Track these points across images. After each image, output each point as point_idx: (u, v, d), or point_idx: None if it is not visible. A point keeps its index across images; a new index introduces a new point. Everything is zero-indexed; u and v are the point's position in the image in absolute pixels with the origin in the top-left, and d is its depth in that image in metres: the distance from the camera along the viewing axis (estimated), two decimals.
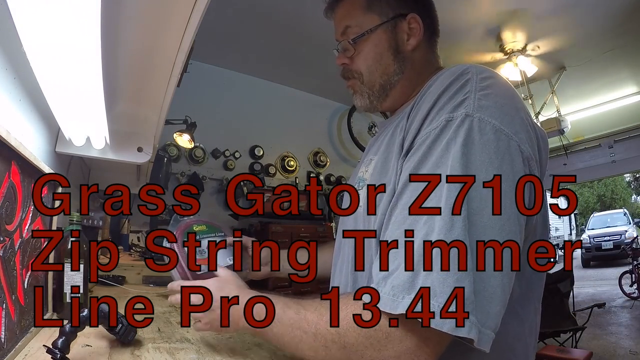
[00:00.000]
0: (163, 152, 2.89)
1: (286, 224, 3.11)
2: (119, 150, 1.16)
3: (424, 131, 0.48)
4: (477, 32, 3.03)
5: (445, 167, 0.43)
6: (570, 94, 4.02)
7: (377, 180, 0.56)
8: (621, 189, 19.64)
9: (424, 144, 0.47)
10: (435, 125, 0.47)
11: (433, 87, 0.52)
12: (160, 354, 0.64)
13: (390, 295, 0.41)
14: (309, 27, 2.79)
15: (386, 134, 0.63)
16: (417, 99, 0.55)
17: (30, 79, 0.66)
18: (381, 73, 0.67)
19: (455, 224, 0.40)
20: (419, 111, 0.51)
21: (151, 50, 0.78)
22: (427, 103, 0.50)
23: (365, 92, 0.68)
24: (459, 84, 0.49)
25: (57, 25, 0.49)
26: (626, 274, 6.26)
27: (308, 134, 4.00)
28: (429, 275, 0.39)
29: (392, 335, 0.41)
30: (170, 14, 0.65)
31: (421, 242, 0.41)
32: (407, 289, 0.40)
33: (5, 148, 0.56)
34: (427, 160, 0.45)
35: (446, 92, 0.49)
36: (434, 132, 0.46)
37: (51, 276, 0.80)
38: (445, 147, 0.44)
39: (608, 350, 3.62)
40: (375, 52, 0.66)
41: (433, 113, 0.48)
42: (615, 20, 2.84)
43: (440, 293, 0.38)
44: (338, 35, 0.70)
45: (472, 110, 0.46)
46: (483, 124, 0.45)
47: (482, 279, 0.40)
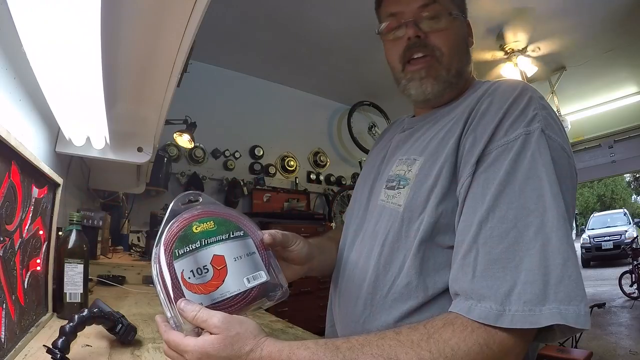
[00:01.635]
0: (163, 152, 2.90)
1: (286, 224, 3.11)
2: (119, 150, 1.16)
3: (499, 141, 0.49)
4: (478, 29, 3.02)
5: (539, 182, 0.45)
6: (570, 94, 4.02)
7: (423, 181, 0.55)
8: (621, 189, 19.64)
9: (505, 156, 0.47)
10: (513, 137, 0.48)
11: (496, 99, 0.53)
12: (160, 354, 0.64)
13: (526, 311, 0.40)
14: (309, 27, 2.79)
15: (430, 135, 0.61)
16: (474, 107, 0.55)
17: (30, 79, 0.66)
18: (460, 58, 0.64)
19: (567, 231, 0.43)
20: (483, 120, 0.52)
21: (151, 50, 0.78)
22: (493, 114, 0.51)
23: (442, 74, 0.63)
24: (525, 99, 0.51)
25: (57, 26, 0.49)
26: (626, 274, 6.26)
27: (308, 134, 4.01)
28: (560, 284, 0.40)
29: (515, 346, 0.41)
30: (170, 14, 0.65)
31: (543, 258, 0.41)
32: (541, 301, 0.40)
33: (5, 148, 0.56)
34: (516, 173, 0.46)
35: (514, 106, 0.50)
36: (514, 144, 0.48)
37: (51, 276, 0.80)
38: (531, 160, 0.46)
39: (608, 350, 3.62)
40: (459, 35, 0.65)
41: (506, 125, 0.49)
42: (615, 20, 2.84)
43: (575, 297, 0.40)
44: (414, 6, 0.63)
45: (544, 126, 0.48)
46: (551, 141, 0.48)
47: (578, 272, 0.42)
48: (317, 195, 3.91)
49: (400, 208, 0.57)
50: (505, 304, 0.40)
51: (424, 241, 0.53)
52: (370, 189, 0.70)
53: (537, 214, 0.43)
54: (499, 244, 0.44)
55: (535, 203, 0.44)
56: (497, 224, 0.44)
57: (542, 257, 0.41)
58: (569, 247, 0.42)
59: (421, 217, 0.53)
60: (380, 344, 0.42)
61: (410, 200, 0.56)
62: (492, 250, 0.44)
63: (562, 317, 0.39)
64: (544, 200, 0.44)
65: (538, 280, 0.40)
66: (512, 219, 0.44)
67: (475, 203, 0.47)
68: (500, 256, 0.43)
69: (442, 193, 0.52)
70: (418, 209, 0.54)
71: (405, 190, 0.57)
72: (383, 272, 0.56)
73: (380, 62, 0.78)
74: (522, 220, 0.43)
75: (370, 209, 0.67)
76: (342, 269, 0.67)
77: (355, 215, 0.71)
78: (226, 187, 3.34)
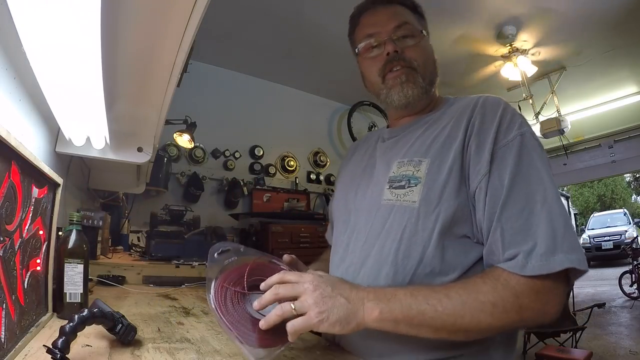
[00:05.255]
0: (163, 152, 2.89)
1: (286, 224, 3.10)
2: (119, 150, 1.16)
3: (501, 142, 0.62)
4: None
5: (534, 171, 0.59)
6: (570, 94, 4.02)
7: (435, 179, 0.64)
8: (621, 189, 19.63)
9: (510, 153, 0.60)
10: (511, 137, 0.61)
11: (488, 111, 0.65)
12: (160, 354, 0.64)
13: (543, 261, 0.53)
14: (309, 27, 2.79)
15: (427, 139, 0.70)
16: (470, 118, 0.66)
17: (30, 79, 0.66)
18: (431, 70, 0.75)
19: (562, 201, 0.57)
20: (483, 128, 0.64)
21: (151, 50, 0.78)
22: (490, 123, 0.63)
23: (420, 80, 0.72)
24: (510, 110, 0.65)
25: (57, 25, 0.49)
26: (626, 274, 6.25)
27: (308, 134, 4.00)
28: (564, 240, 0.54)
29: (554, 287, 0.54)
30: (170, 14, 0.65)
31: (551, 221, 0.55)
32: (552, 253, 0.53)
33: (5, 148, 0.56)
34: (521, 166, 0.59)
35: (505, 115, 0.64)
36: (513, 144, 0.61)
37: (51, 276, 0.80)
38: (530, 154, 0.60)
39: (608, 350, 3.62)
40: (429, 51, 0.76)
41: (503, 130, 0.62)
42: (615, 20, 2.84)
43: (576, 248, 0.53)
44: (389, 27, 0.73)
45: (529, 128, 0.63)
46: (535, 138, 0.63)
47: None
48: (317, 195, 3.91)
49: (415, 204, 0.64)
50: (528, 259, 0.53)
51: (443, 232, 0.61)
52: (361, 195, 0.75)
53: (540, 192, 0.57)
54: (518, 220, 0.56)
55: (537, 185, 0.58)
56: (514, 205, 0.57)
57: (549, 224, 0.55)
58: (565, 213, 0.56)
59: (436, 210, 0.62)
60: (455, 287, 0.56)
61: (425, 196, 0.63)
62: (514, 225, 0.56)
63: (570, 262, 0.52)
64: (543, 182, 0.58)
65: (549, 239, 0.53)
66: (524, 200, 0.57)
67: (495, 192, 0.59)
68: (520, 228, 0.56)
69: (456, 188, 0.62)
70: (433, 203, 0.62)
71: (418, 188, 0.64)
72: (402, 265, 0.63)
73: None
74: (531, 199, 0.57)
75: (369, 210, 0.71)
76: (347, 272, 0.71)
77: (345, 221, 0.77)
78: (226, 187, 3.34)
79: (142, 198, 2.72)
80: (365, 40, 0.75)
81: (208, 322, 0.91)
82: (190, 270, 1.71)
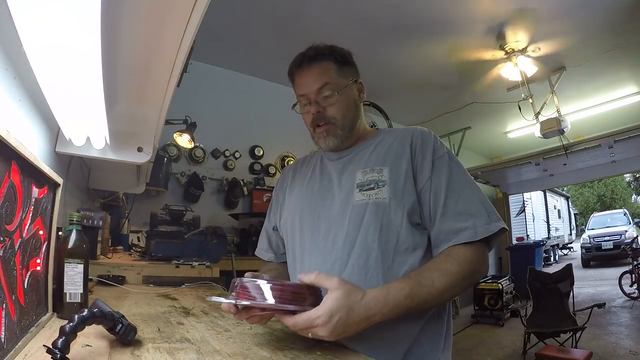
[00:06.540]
0: (163, 152, 2.90)
1: None
2: (119, 150, 1.16)
3: (436, 156, 0.85)
4: (478, 28, 3.01)
5: (461, 175, 0.85)
6: (570, 94, 4.03)
7: (396, 180, 0.83)
8: (621, 189, 19.64)
9: (443, 165, 0.84)
10: (441, 154, 0.85)
11: (425, 137, 0.88)
12: (160, 354, 0.64)
13: (485, 227, 0.76)
14: (310, 27, 2.79)
15: (379, 153, 0.89)
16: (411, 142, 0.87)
17: (30, 79, 0.66)
18: (351, 118, 0.92)
19: (480, 189, 0.85)
20: (423, 148, 0.86)
21: (151, 50, 0.78)
22: (427, 145, 0.86)
23: (339, 133, 0.91)
24: (437, 137, 0.89)
25: (57, 26, 0.49)
26: (626, 274, 6.25)
27: (308, 133, 3.97)
28: (492, 213, 0.80)
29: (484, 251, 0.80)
30: (170, 14, 0.65)
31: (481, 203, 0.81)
32: (489, 222, 0.77)
33: (5, 148, 0.56)
34: (452, 172, 0.83)
35: (436, 140, 0.88)
36: (444, 158, 0.85)
37: (51, 276, 0.80)
38: (456, 165, 0.85)
39: (608, 350, 3.62)
40: (348, 102, 0.92)
41: (437, 149, 0.86)
42: (615, 20, 2.84)
43: (500, 217, 0.80)
44: (313, 89, 0.90)
45: (448, 150, 0.88)
46: (452, 154, 0.88)
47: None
48: None
49: (386, 200, 0.82)
50: (475, 230, 0.76)
51: (408, 220, 0.81)
52: (330, 201, 0.89)
53: (467, 185, 0.83)
54: (456, 205, 0.80)
55: (465, 182, 0.83)
56: (452, 196, 0.81)
57: (480, 205, 0.80)
58: (485, 196, 0.82)
59: (402, 203, 0.82)
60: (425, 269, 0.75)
61: (392, 193, 0.82)
62: (454, 208, 0.79)
63: (502, 225, 0.78)
64: (467, 179, 0.84)
65: (484, 215, 0.78)
66: (458, 192, 0.81)
67: (437, 189, 0.82)
68: (461, 210, 0.79)
69: (411, 188, 0.83)
70: (399, 198, 0.82)
71: (386, 188, 0.83)
72: (385, 246, 0.81)
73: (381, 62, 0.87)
74: (463, 191, 0.81)
75: (342, 212, 0.86)
76: (333, 268, 0.82)
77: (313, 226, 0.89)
78: (226, 187, 3.34)
79: (142, 198, 2.72)
80: (299, 99, 0.95)
81: (208, 322, 0.91)
82: (190, 270, 1.71)
